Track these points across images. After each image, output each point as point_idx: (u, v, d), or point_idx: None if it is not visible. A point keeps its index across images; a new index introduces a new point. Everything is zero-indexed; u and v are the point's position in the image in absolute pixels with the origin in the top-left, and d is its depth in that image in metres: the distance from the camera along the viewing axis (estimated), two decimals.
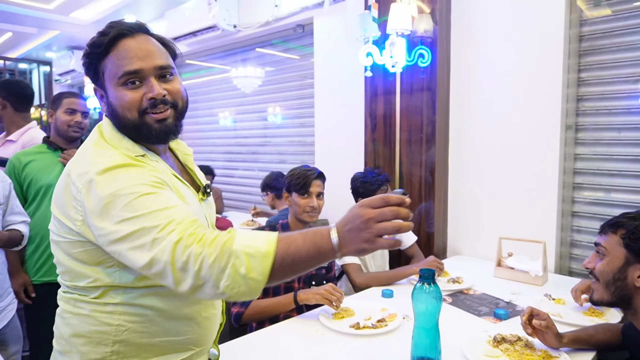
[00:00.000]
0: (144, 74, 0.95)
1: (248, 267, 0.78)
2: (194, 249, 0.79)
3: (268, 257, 0.79)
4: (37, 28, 5.19)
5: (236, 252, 0.78)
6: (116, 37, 0.94)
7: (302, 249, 0.81)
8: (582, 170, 2.21)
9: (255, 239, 0.80)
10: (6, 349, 1.81)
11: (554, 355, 1.26)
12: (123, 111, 0.95)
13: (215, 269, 0.78)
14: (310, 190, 1.79)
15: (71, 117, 2.09)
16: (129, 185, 0.86)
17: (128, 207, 0.84)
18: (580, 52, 2.18)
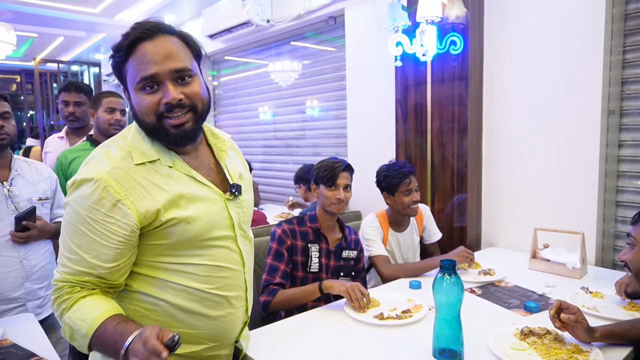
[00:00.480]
0: (160, 78, 0.96)
1: (70, 336, 0.97)
2: (53, 298, 1.00)
3: (85, 338, 0.95)
4: (86, 31, 5.48)
5: (64, 321, 0.97)
6: (134, 40, 0.95)
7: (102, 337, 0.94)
8: (627, 158, 2.08)
9: (83, 319, 0.95)
10: (56, 333, 1.94)
11: (584, 350, 1.21)
12: (142, 115, 0.99)
13: (59, 320, 0.99)
14: (337, 182, 1.80)
15: (111, 116, 2.24)
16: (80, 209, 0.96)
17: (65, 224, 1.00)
18: (625, 32, 2.05)
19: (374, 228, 2.11)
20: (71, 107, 2.53)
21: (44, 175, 1.92)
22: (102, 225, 0.95)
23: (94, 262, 0.96)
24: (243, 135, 4.70)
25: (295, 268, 1.77)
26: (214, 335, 1.11)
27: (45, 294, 1.86)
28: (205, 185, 1.07)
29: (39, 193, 1.85)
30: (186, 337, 1.06)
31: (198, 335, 1.09)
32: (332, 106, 3.62)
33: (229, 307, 1.12)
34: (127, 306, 1.04)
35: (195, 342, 1.09)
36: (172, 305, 1.05)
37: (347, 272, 1.85)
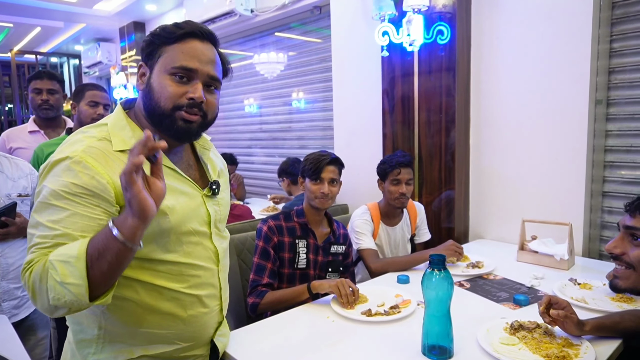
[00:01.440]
0: (196, 75, 0.99)
1: (62, 274, 0.81)
2: (27, 277, 0.86)
3: (80, 259, 0.81)
4: (64, 22, 5.31)
5: (51, 263, 0.83)
6: (189, 33, 0.99)
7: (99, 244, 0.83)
8: (613, 148, 2.08)
9: (70, 247, 0.84)
10: (35, 334, 1.88)
11: (575, 343, 1.20)
12: (159, 98, 0.98)
13: (43, 289, 0.84)
14: (322, 176, 1.75)
15: (94, 110, 2.16)
16: (55, 186, 0.89)
17: (38, 206, 0.90)
18: (613, 21, 2.03)
19: (364, 221, 2.07)
20: (44, 94, 2.41)
21: (25, 171, 1.85)
22: (81, 197, 0.89)
23: (75, 235, 0.87)
24: (228, 128, 4.62)
25: (283, 265, 1.72)
26: (186, 335, 1.08)
27: (22, 294, 1.79)
28: (185, 179, 1.06)
29: (18, 189, 1.79)
30: (156, 337, 1.04)
31: (169, 335, 1.06)
32: (318, 98, 3.57)
33: (201, 307, 1.09)
34: (94, 309, 0.99)
35: (167, 342, 1.06)
36: (140, 305, 1.01)
37: (335, 268, 1.82)
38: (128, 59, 5.40)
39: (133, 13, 4.89)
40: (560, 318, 1.19)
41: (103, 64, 5.95)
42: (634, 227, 1.12)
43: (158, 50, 1.00)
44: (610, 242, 1.18)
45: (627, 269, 1.15)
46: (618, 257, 1.18)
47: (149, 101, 1.00)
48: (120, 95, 5.31)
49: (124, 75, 5.34)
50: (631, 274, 1.14)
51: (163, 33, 0.99)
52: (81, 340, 1.04)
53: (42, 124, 2.50)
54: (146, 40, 1.02)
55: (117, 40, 5.62)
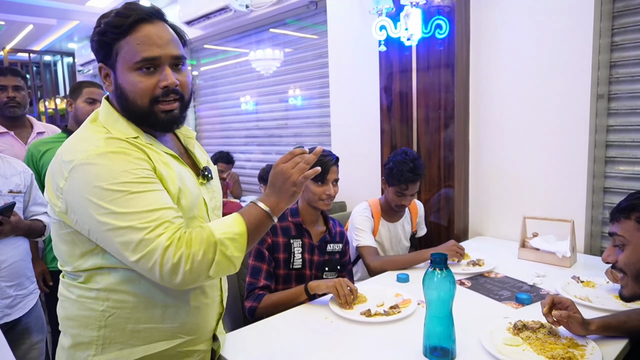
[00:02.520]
0: (161, 61, 0.96)
1: (233, 249, 0.91)
2: (184, 251, 0.87)
3: (244, 235, 0.93)
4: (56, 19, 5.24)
5: (220, 241, 0.90)
6: (137, 21, 0.94)
7: (255, 222, 0.96)
8: (615, 143, 2.04)
9: (229, 224, 0.93)
10: (29, 337, 1.83)
11: (580, 343, 1.17)
12: (134, 97, 0.96)
13: (205, 262, 0.89)
14: (327, 178, 1.70)
15: (92, 107, 2.11)
16: (114, 178, 0.87)
17: (115, 202, 0.86)
18: (614, 14, 2.00)
19: (365, 218, 2.03)
20: (10, 91, 2.25)
21: (18, 169, 1.82)
22: (147, 178, 0.91)
23: (173, 207, 0.93)
24: (224, 125, 4.57)
25: (278, 266, 1.68)
26: (189, 328, 1.06)
27: (15, 294, 1.74)
28: (184, 165, 1.06)
29: (10, 186, 1.76)
30: (159, 332, 1.02)
31: (172, 329, 1.03)
32: (314, 94, 3.53)
33: (203, 297, 1.08)
34: (95, 307, 0.98)
35: (170, 337, 1.04)
36: (143, 299, 0.99)
37: (332, 267, 1.78)
38: None
39: None
40: (563, 319, 1.16)
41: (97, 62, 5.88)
42: (612, 233, 1.11)
43: (112, 48, 0.95)
44: (605, 252, 1.16)
45: (623, 276, 1.13)
46: (614, 266, 1.15)
47: (124, 102, 0.97)
48: None
49: None
50: (627, 280, 1.11)
51: (111, 29, 0.93)
52: (79, 343, 1.00)
53: (9, 125, 2.32)
54: (96, 40, 0.97)
55: None
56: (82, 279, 0.98)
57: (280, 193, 0.98)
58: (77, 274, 0.99)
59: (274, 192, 0.98)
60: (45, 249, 2.07)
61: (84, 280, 0.98)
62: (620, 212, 1.09)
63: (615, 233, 1.10)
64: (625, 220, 1.07)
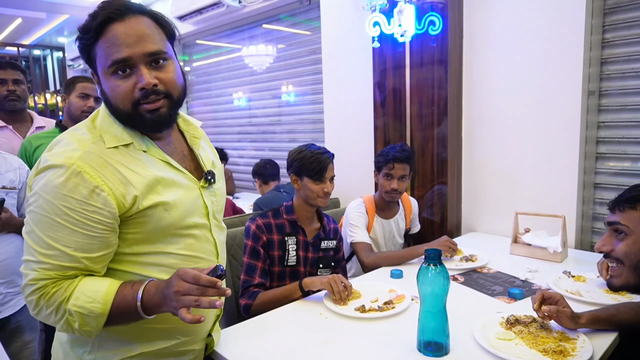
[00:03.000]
0: (133, 61, 0.90)
1: (81, 323, 0.89)
2: (34, 299, 0.88)
3: (102, 316, 0.89)
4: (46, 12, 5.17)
5: (69, 311, 0.88)
6: (104, 21, 0.88)
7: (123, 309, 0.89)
8: (605, 139, 2.07)
9: (92, 299, 0.88)
10: (22, 336, 1.82)
11: (571, 337, 1.18)
12: (116, 102, 0.92)
13: (51, 319, 0.90)
14: (325, 176, 1.70)
15: (84, 102, 2.10)
16: (53, 197, 0.86)
17: (34, 216, 0.88)
18: (605, 11, 2.01)
19: (359, 214, 2.04)
20: (10, 84, 2.25)
21: (14, 165, 1.80)
22: (82, 214, 0.87)
23: (77, 255, 0.88)
24: (217, 122, 4.55)
25: (273, 263, 1.68)
26: (187, 329, 1.06)
27: (5, 291, 1.73)
28: (180, 171, 1.03)
29: (3, 182, 1.74)
30: (157, 332, 1.02)
31: (169, 330, 1.03)
32: (308, 91, 3.52)
33: None
34: None
35: (167, 337, 1.04)
36: None
37: (326, 264, 1.78)
38: None
39: None
40: (552, 314, 1.18)
41: None
42: (614, 222, 1.11)
43: (91, 53, 0.92)
44: (599, 241, 1.16)
45: (618, 265, 1.12)
46: (608, 255, 1.15)
47: (110, 107, 0.94)
48: None
49: None
50: (622, 269, 1.11)
51: (84, 34, 0.90)
52: (76, 338, 1.00)
53: (8, 119, 2.32)
54: (77, 45, 0.94)
55: None
56: None
57: (165, 300, 0.87)
58: None
59: (162, 294, 0.88)
60: None
61: None
62: (626, 202, 1.08)
63: (617, 222, 1.10)
64: (630, 210, 1.07)
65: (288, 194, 2.70)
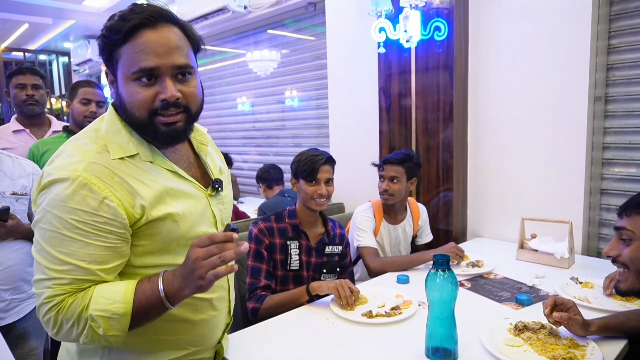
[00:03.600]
0: (160, 72, 0.88)
1: (106, 328, 0.85)
2: (52, 316, 0.85)
3: (125, 316, 0.85)
4: (52, 18, 5.21)
5: (92, 317, 0.85)
6: (137, 26, 0.86)
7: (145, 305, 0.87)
8: (612, 145, 2.06)
9: (112, 301, 0.85)
10: (27, 342, 1.81)
11: (581, 344, 1.18)
12: (132, 108, 0.90)
13: (73, 333, 0.86)
14: (318, 177, 1.69)
15: (86, 108, 2.12)
16: (61, 211, 0.84)
17: (44, 234, 0.86)
18: (611, 17, 2.02)
19: (367, 218, 2.04)
20: (29, 89, 2.31)
21: (28, 171, 1.80)
22: (93, 226, 0.85)
23: (92, 268, 0.86)
24: (221, 126, 4.56)
25: (275, 267, 1.67)
26: (196, 339, 1.05)
27: (10, 298, 1.72)
28: (187, 180, 1.00)
29: (15, 188, 1.73)
30: (167, 343, 1.01)
31: (179, 340, 1.02)
32: (312, 96, 3.53)
33: (212, 310, 1.06)
34: None
35: (177, 348, 1.03)
36: None
37: (330, 269, 1.77)
38: None
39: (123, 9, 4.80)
40: (564, 321, 1.17)
41: (93, 62, 5.85)
42: (622, 227, 1.10)
43: (114, 53, 0.89)
44: (607, 246, 1.16)
45: (624, 270, 1.12)
46: (615, 260, 1.15)
47: (124, 112, 0.92)
48: None
49: None
50: (628, 274, 1.11)
51: (111, 34, 0.87)
52: (85, 350, 0.98)
53: (26, 122, 2.38)
54: (99, 43, 0.91)
55: None
56: None
57: (186, 280, 0.84)
58: None
59: (181, 276, 0.85)
60: None
61: None
62: (633, 207, 1.08)
63: (623, 227, 1.09)
64: (636, 216, 1.07)
65: (292, 198, 2.70)
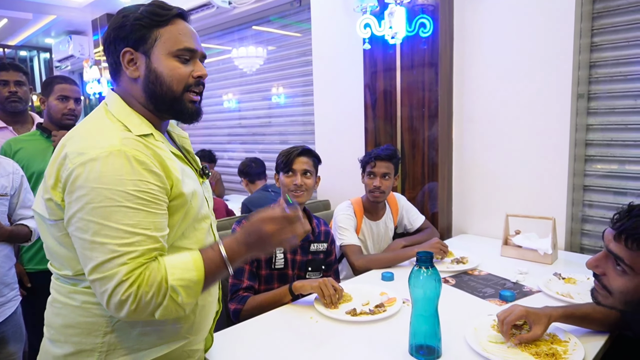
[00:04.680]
0: (196, 55, 1.01)
1: (185, 296, 0.88)
2: (134, 291, 0.84)
3: (200, 283, 0.89)
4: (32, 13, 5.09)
5: (172, 287, 0.86)
6: (178, 15, 1.00)
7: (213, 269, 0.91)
8: (594, 142, 2.08)
9: (188, 269, 0.88)
10: (6, 347, 1.76)
11: (563, 340, 1.18)
12: (171, 81, 0.98)
13: (152, 305, 0.86)
14: (294, 168, 1.70)
15: (64, 105, 2.04)
16: (114, 184, 0.85)
17: (102, 212, 0.84)
18: (594, 15, 2.03)
19: (347, 216, 2.03)
20: (12, 86, 2.24)
21: (8, 170, 1.74)
22: (151, 194, 0.88)
23: (157, 236, 0.89)
24: (207, 123, 4.51)
25: (259, 266, 1.65)
26: (195, 327, 1.06)
27: None
28: (188, 164, 1.08)
29: None
30: (168, 334, 1.01)
31: (180, 330, 1.03)
32: (298, 92, 3.51)
33: (208, 295, 1.09)
34: (101, 313, 0.94)
35: (176, 338, 1.03)
36: None
37: (315, 267, 1.76)
38: (101, 52, 5.22)
39: (106, 5, 4.71)
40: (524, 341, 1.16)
41: (75, 58, 5.73)
42: (618, 256, 1.01)
43: (151, 34, 0.96)
44: (592, 259, 1.08)
45: (607, 293, 1.05)
46: (598, 277, 1.07)
47: (157, 87, 0.98)
48: (94, 89, 5.14)
49: (97, 69, 5.16)
50: (609, 296, 1.05)
51: (153, 16, 0.96)
52: (80, 351, 0.95)
53: (9, 120, 2.32)
54: (129, 24, 0.96)
55: (90, 33, 5.42)
56: (87, 283, 0.91)
57: (250, 248, 0.94)
58: (80, 279, 0.94)
59: (245, 244, 0.94)
60: (21, 250, 2.00)
61: (88, 285, 0.91)
62: (635, 240, 0.97)
63: (622, 259, 1.00)
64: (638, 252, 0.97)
65: (276, 193, 2.68)
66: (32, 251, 1.98)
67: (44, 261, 1.96)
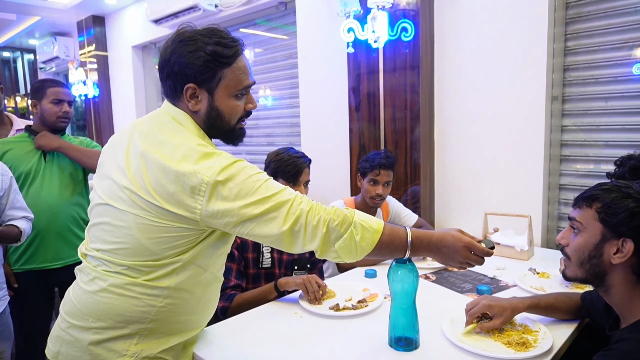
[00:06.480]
0: (250, 88, 1.11)
1: (362, 237, 1.00)
2: (322, 215, 0.99)
3: (378, 233, 1.02)
4: (16, 14, 5.05)
5: (355, 224, 1.00)
6: (239, 52, 1.07)
7: (394, 237, 1.03)
8: (569, 142, 2.17)
9: (370, 219, 1.03)
10: None
11: (533, 329, 1.25)
12: (230, 118, 1.08)
13: (336, 232, 0.99)
14: (300, 180, 1.75)
15: (59, 108, 2.06)
16: (252, 173, 0.99)
17: (258, 192, 0.97)
18: (567, 20, 2.12)
19: None
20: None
21: None
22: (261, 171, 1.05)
23: None
24: None
25: (247, 265, 1.70)
26: (205, 318, 1.19)
27: None
28: None
29: None
30: (194, 323, 1.14)
31: (199, 320, 1.16)
32: (285, 94, 3.55)
33: (218, 290, 1.21)
34: (154, 303, 1.03)
35: (198, 326, 1.17)
36: (199, 293, 1.10)
37: (301, 266, 1.80)
38: (87, 54, 5.19)
39: (91, 6, 4.70)
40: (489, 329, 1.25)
41: (60, 59, 5.69)
42: (572, 218, 1.13)
43: (217, 74, 1.03)
44: (560, 234, 1.19)
45: (568, 260, 1.15)
46: (563, 249, 1.17)
47: (217, 121, 1.07)
48: (80, 91, 5.11)
49: (83, 71, 5.14)
50: (570, 263, 1.14)
51: (220, 58, 1.02)
52: (121, 335, 1.03)
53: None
54: (198, 64, 1.01)
55: (75, 34, 5.39)
56: (152, 276, 1.02)
57: (435, 253, 1.08)
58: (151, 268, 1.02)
59: (437, 248, 1.07)
60: (7, 250, 2.01)
61: (151, 278, 1.02)
62: (584, 200, 1.10)
63: (574, 218, 1.12)
64: (586, 208, 1.09)
65: None
66: (18, 252, 1.99)
67: (30, 261, 1.99)
